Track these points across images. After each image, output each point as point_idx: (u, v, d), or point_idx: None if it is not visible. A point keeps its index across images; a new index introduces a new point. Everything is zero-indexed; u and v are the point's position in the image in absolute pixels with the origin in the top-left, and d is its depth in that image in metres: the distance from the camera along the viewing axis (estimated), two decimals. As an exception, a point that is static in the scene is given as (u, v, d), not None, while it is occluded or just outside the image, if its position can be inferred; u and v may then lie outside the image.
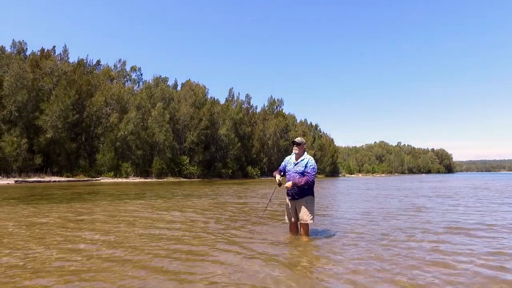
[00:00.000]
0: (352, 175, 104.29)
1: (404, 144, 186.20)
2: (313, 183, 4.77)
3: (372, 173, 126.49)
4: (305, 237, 4.83)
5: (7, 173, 31.89)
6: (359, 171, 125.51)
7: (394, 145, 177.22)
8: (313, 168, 4.73)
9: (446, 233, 5.45)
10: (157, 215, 7.67)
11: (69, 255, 3.98)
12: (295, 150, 4.88)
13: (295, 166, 4.82)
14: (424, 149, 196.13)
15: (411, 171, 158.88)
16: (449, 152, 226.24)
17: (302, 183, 4.63)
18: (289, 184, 4.72)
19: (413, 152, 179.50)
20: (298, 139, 4.90)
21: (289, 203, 4.94)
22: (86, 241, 4.79)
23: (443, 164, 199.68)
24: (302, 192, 4.76)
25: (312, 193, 4.85)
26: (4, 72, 35.74)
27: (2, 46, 40.16)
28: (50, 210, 8.76)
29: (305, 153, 4.92)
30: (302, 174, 4.73)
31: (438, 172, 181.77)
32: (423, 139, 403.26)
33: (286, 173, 4.96)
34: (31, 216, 7.49)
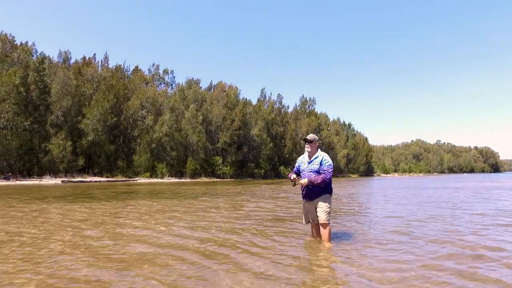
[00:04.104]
0: (388, 175, 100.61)
1: (444, 142, 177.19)
2: (330, 181, 4.41)
3: (409, 172, 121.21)
4: (327, 242, 4.35)
5: (55, 174, 34.07)
6: (395, 171, 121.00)
7: (432, 143, 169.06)
8: (330, 165, 4.36)
9: None
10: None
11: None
12: (307, 148, 4.50)
13: (310, 165, 4.46)
14: (466, 147, 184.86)
15: (451, 171, 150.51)
16: (496, 150, 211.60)
17: (318, 181, 4.27)
18: (304, 181, 4.33)
19: (453, 150, 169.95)
20: (310, 136, 4.49)
21: (306, 205, 4.61)
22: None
23: (488, 162, 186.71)
24: (319, 191, 4.39)
25: (329, 192, 4.46)
26: (51, 80, 38.28)
27: (50, 57, 42.97)
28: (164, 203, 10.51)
29: (319, 150, 4.54)
30: (318, 172, 4.36)
31: (483, 171, 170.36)
32: (465, 137, 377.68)
33: (301, 174, 4.59)
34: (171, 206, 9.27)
